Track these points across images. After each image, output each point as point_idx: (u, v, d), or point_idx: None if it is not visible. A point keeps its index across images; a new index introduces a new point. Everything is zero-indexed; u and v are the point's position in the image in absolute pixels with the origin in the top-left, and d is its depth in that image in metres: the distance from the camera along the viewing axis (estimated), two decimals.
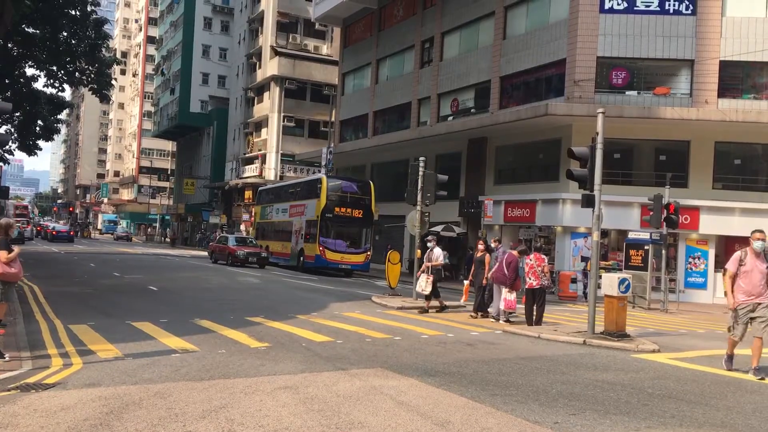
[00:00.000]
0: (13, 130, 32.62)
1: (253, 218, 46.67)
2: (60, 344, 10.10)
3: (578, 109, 25.32)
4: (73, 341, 10.34)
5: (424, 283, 16.09)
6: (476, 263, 16.71)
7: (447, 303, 17.66)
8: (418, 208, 18.67)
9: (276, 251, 36.72)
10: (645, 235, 22.60)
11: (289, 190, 37.79)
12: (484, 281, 16.04)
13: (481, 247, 16.94)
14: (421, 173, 18.51)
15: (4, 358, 8.63)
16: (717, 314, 21.73)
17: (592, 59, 26.64)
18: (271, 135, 55.04)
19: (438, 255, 16.58)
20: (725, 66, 26.03)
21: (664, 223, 21.45)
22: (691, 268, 26.52)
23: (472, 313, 16.02)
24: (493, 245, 17.32)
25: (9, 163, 47.01)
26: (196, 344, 10.37)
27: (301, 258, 32.57)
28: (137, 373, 8.20)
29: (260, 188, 45.23)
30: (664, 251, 22.60)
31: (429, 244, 16.95)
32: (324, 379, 8.23)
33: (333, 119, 46.70)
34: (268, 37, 56.11)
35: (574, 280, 23.98)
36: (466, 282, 18.15)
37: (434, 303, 16.71)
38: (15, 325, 11.23)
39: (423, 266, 16.63)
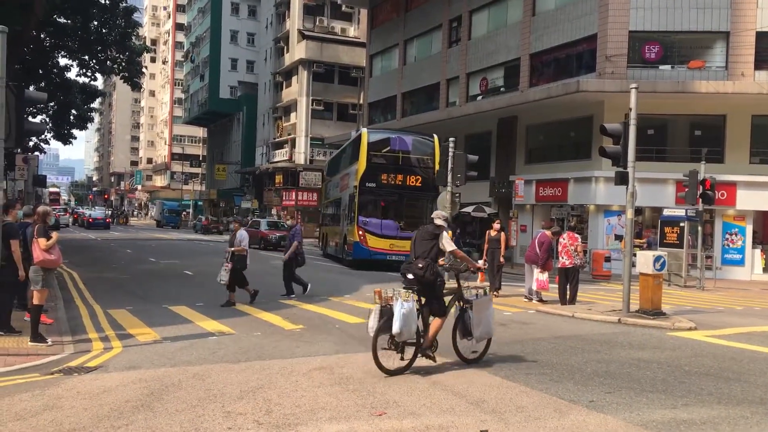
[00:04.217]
0: (48, 119, 33.19)
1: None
2: (100, 328, 10.33)
3: (610, 86, 24.90)
4: (113, 325, 10.58)
5: (223, 274, 13.31)
6: (491, 242, 16.69)
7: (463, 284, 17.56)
8: (449, 188, 18.61)
9: (330, 239, 29.50)
10: (680, 212, 22.23)
11: (341, 156, 29.69)
12: (501, 260, 16.20)
13: (496, 226, 16.88)
14: (450, 154, 18.45)
15: (47, 342, 8.86)
16: (755, 291, 21.37)
17: (624, 34, 26.10)
18: (300, 119, 55.16)
19: (242, 239, 13.78)
20: (762, 37, 25.30)
21: (700, 200, 21.07)
22: (728, 245, 26.04)
23: (495, 292, 16.01)
24: (289, 223, 17.08)
25: (45, 153, 47.90)
26: (231, 327, 10.52)
27: (345, 246, 24.80)
28: (175, 355, 8.37)
29: (329, 158, 37.59)
30: (700, 228, 22.22)
31: (231, 227, 14.51)
32: (358, 359, 8.30)
33: (361, 102, 46.63)
34: (295, 21, 56.08)
35: (608, 259, 23.74)
36: (480, 261, 17.91)
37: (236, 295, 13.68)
38: (56, 311, 11.51)
39: (226, 252, 13.92)
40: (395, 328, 7.37)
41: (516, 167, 30.89)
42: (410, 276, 7.83)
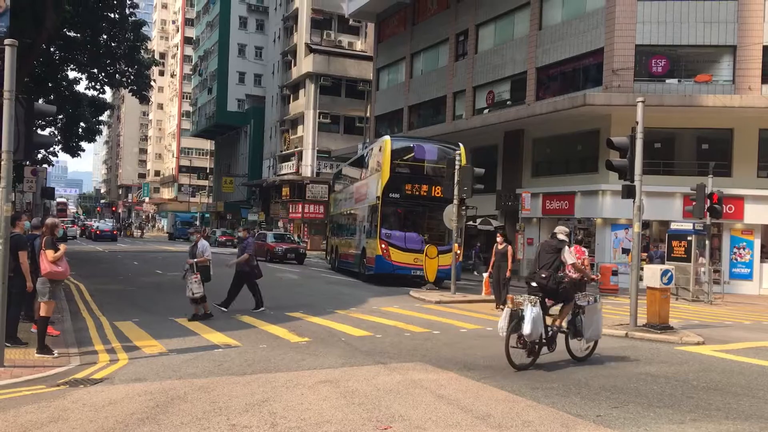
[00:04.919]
0: (56, 132, 33.39)
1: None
2: (106, 340, 10.35)
3: (617, 99, 24.90)
4: (119, 337, 10.59)
5: (195, 286, 12.62)
6: (497, 256, 16.61)
7: (470, 297, 17.47)
8: (455, 201, 18.60)
9: (343, 253, 27.67)
10: (688, 226, 22.15)
11: (356, 165, 28.13)
12: (508, 273, 16.15)
13: (500, 239, 16.91)
14: (457, 167, 18.45)
15: (53, 354, 8.87)
16: (763, 305, 21.24)
17: (631, 47, 26.15)
18: (307, 132, 55.36)
19: (203, 249, 13.23)
20: None
21: (708, 213, 21.01)
22: (736, 259, 25.91)
23: (501, 306, 15.92)
24: (240, 235, 15.79)
25: (53, 165, 48.16)
26: (237, 339, 10.52)
27: (364, 260, 23.22)
28: (181, 368, 8.37)
29: (336, 170, 35.67)
30: (707, 242, 22.13)
31: (192, 238, 13.69)
32: (364, 373, 8.28)
33: (368, 115, 46.76)
34: (302, 35, 56.44)
35: (615, 273, 23.65)
36: (485, 275, 17.85)
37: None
38: (62, 323, 11.53)
39: (186, 263, 13.20)
40: (526, 329, 8.52)
41: (522, 180, 30.87)
42: (534, 284, 9.15)
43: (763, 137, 25.78)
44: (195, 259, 12.99)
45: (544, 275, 9.01)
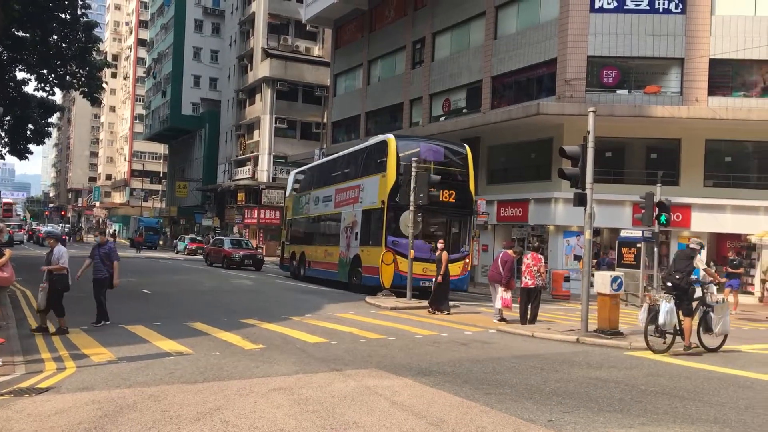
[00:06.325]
0: (3, 134, 32.46)
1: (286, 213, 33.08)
2: (53, 348, 10.07)
3: (569, 109, 25.37)
4: (67, 345, 10.32)
5: (40, 295, 11.54)
6: (437, 262, 17.04)
7: (425, 303, 17.54)
8: (411, 208, 18.65)
9: (316, 260, 26.08)
10: (637, 233, 22.67)
11: (336, 166, 26.12)
12: (439, 279, 16.61)
13: (440, 245, 17.20)
14: (413, 173, 18.51)
15: None
16: None
17: (583, 58, 26.69)
18: (263, 137, 54.99)
19: (60, 255, 11.86)
20: (715, 64, 26.11)
21: (656, 221, 21.53)
22: None
23: (429, 309, 16.67)
24: (98, 240, 14.42)
25: (0, 168, 46.79)
26: (189, 347, 10.36)
27: (358, 269, 21.76)
28: (131, 376, 8.20)
29: (295, 171, 33.90)
30: (656, 249, 22.67)
31: (46, 242, 11.91)
32: (318, 380, 8.24)
33: (325, 120, 46.69)
34: (259, 39, 56.07)
35: (567, 279, 24.04)
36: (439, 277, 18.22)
37: (49, 322, 11.80)
38: (7, 330, 11.18)
39: (41, 271, 11.96)
40: (661, 320, 10.88)
41: (478, 187, 31.08)
42: (669, 284, 11.33)
43: (709, 147, 26.55)
44: (49, 267, 11.72)
45: (678, 276, 11.15)
